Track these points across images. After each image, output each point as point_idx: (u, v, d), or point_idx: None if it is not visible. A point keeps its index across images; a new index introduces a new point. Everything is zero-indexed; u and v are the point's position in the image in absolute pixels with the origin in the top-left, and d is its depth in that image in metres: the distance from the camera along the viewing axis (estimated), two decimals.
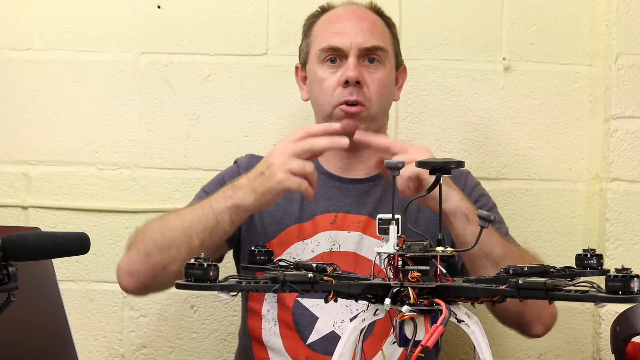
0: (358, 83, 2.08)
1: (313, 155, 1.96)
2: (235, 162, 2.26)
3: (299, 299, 2.06)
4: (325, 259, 2.05)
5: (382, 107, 2.15)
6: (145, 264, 1.97)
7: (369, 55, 2.11)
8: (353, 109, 2.08)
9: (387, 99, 2.17)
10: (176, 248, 1.93)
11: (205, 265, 1.20)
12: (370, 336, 1.88)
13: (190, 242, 1.92)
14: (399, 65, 2.22)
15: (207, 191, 2.14)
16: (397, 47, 2.21)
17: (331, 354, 1.29)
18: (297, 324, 2.06)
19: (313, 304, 2.06)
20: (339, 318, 2.03)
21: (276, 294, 1.86)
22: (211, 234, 1.93)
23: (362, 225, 2.11)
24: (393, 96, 2.20)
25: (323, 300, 1.28)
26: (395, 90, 2.21)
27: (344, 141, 1.94)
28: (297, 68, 2.24)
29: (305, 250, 2.09)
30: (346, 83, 2.08)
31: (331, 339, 2.02)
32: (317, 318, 2.05)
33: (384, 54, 2.13)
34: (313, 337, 2.06)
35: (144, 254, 1.96)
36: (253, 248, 1.52)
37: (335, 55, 2.11)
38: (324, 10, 2.22)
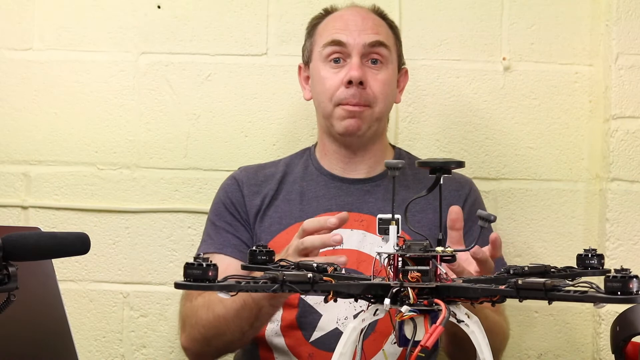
0: (361, 84, 2.09)
1: (310, 253, 1.86)
2: (234, 177, 2.22)
3: (303, 296, 2.05)
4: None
5: (386, 108, 2.17)
6: (208, 348, 2.05)
7: (372, 54, 2.13)
8: (356, 107, 2.09)
9: (390, 100, 2.18)
10: (230, 334, 1.98)
11: (205, 265, 1.20)
12: (373, 333, 1.89)
13: (241, 327, 1.96)
14: (401, 67, 2.23)
15: (217, 224, 2.15)
16: (400, 48, 2.23)
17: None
18: (300, 322, 2.06)
19: (316, 301, 2.06)
20: (343, 315, 2.03)
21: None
22: (257, 318, 1.95)
23: (365, 223, 2.12)
24: (395, 98, 2.21)
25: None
26: (397, 92, 2.22)
27: (336, 238, 1.80)
28: (300, 68, 2.26)
29: None
30: (349, 83, 2.09)
31: (335, 336, 2.01)
32: (320, 315, 2.05)
33: (387, 52, 2.15)
34: (316, 335, 2.05)
35: (203, 342, 2.04)
36: (254, 248, 1.52)
37: (339, 56, 2.13)
38: (327, 12, 2.24)
